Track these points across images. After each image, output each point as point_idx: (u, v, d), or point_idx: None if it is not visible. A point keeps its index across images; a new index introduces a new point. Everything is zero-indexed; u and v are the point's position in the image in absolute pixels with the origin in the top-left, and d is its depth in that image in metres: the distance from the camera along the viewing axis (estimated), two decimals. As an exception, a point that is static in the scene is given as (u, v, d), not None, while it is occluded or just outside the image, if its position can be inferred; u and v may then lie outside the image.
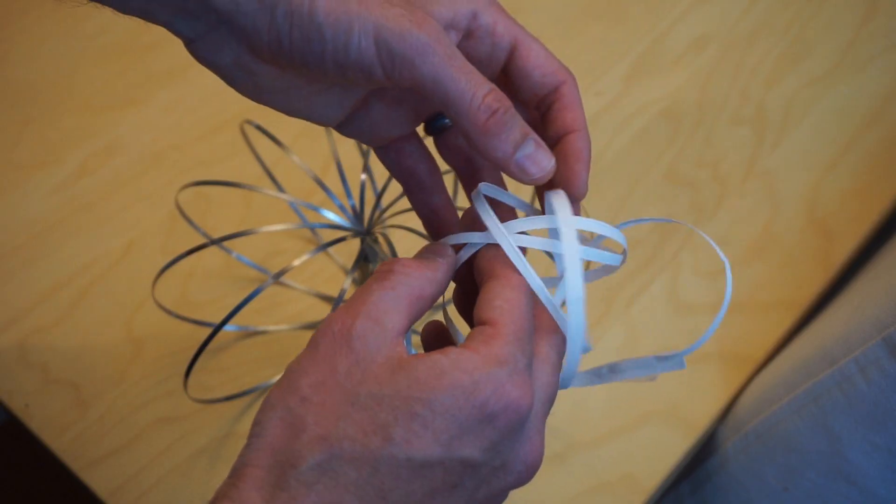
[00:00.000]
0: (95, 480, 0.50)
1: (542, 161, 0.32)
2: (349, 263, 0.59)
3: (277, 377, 0.54)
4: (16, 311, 0.57)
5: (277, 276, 0.43)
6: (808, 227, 0.62)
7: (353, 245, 0.60)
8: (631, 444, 0.52)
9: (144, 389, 0.54)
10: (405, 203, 0.50)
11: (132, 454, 0.51)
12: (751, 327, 0.57)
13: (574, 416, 0.52)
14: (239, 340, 0.56)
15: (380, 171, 0.62)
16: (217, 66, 0.34)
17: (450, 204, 0.38)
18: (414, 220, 0.60)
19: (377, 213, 0.48)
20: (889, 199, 0.63)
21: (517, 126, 0.31)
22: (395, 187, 0.43)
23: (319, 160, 0.64)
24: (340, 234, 0.49)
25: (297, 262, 0.45)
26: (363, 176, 0.50)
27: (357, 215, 0.49)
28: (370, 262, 0.50)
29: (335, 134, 0.43)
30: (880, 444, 0.46)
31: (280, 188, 0.59)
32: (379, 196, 0.48)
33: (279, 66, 0.32)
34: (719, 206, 0.62)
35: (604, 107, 0.69)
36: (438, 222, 0.38)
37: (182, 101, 0.69)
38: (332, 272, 0.59)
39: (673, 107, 0.69)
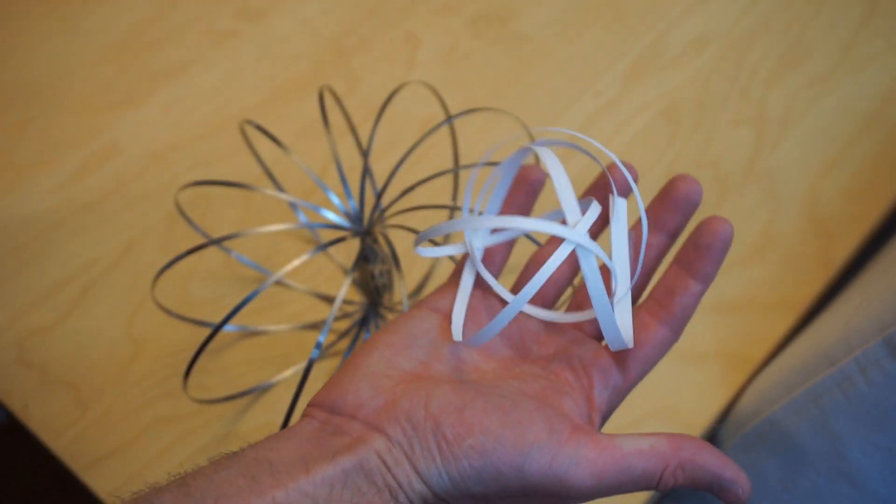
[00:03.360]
0: (95, 480, 0.50)
1: None
2: (349, 263, 0.59)
3: (277, 377, 0.54)
4: (16, 311, 0.57)
5: (277, 276, 0.43)
6: (808, 227, 0.62)
7: (353, 245, 0.60)
8: (631, 444, 0.52)
9: (144, 389, 0.54)
10: (405, 203, 0.50)
11: (132, 454, 0.51)
12: (751, 327, 0.57)
13: (574, 416, 0.52)
14: (239, 340, 0.56)
15: (380, 171, 0.63)
16: None
17: None
18: (414, 220, 0.60)
19: (377, 213, 0.48)
20: (889, 199, 0.63)
21: None
22: (395, 187, 0.43)
23: (319, 160, 0.64)
24: (340, 234, 0.49)
25: (297, 262, 0.45)
26: (363, 176, 0.50)
27: (357, 215, 0.49)
28: (370, 262, 0.50)
29: (335, 134, 0.43)
30: (880, 444, 0.46)
31: (280, 188, 0.59)
32: (379, 196, 0.48)
33: None
34: (719, 206, 0.62)
35: (603, 107, 0.69)
36: None
37: (182, 101, 0.69)
38: (332, 272, 0.59)
39: (673, 107, 0.69)
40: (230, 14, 0.75)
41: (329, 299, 0.58)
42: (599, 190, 0.40)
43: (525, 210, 0.41)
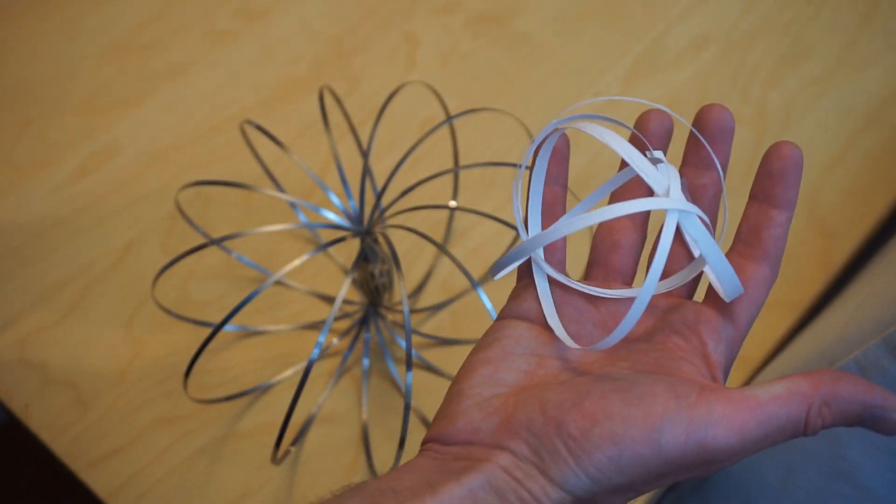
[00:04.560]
0: (95, 480, 0.50)
1: None
2: (349, 263, 0.59)
3: (277, 377, 0.54)
4: (16, 311, 0.57)
5: (277, 276, 0.43)
6: (808, 227, 0.62)
7: (353, 245, 0.60)
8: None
9: (144, 389, 0.54)
10: (405, 203, 0.50)
11: (132, 454, 0.51)
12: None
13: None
14: (239, 340, 0.56)
15: (380, 171, 0.63)
16: None
17: None
18: (414, 220, 0.60)
19: (377, 213, 0.48)
20: (889, 199, 0.63)
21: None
22: (395, 187, 0.43)
23: (319, 160, 0.64)
24: (340, 234, 0.49)
25: (297, 262, 0.45)
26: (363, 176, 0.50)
27: (357, 215, 0.49)
28: (370, 262, 0.50)
29: (335, 134, 0.43)
30: (880, 445, 0.46)
31: (280, 188, 0.59)
32: (379, 196, 0.48)
33: None
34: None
35: (603, 107, 0.69)
36: None
37: (182, 101, 0.69)
38: (332, 272, 0.59)
39: (673, 107, 0.69)
40: (230, 14, 0.75)
41: (329, 299, 0.58)
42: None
43: (564, 181, 0.39)
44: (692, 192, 0.38)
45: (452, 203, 0.60)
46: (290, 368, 0.54)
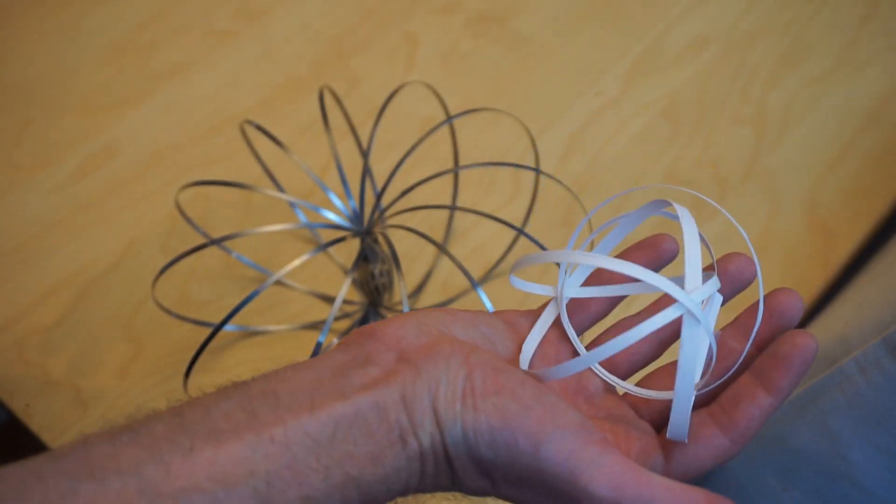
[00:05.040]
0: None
1: None
2: (349, 263, 0.59)
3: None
4: (16, 311, 0.57)
5: (277, 276, 0.43)
6: (808, 227, 0.62)
7: (353, 245, 0.60)
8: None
9: (144, 389, 0.54)
10: (405, 203, 0.50)
11: (132, 454, 0.51)
12: (751, 327, 0.57)
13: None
14: (239, 340, 0.56)
15: (380, 171, 0.63)
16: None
17: None
18: (414, 220, 0.60)
19: (377, 213, 0.48)
20: (889, 199, 0.63)
21: None
22: (395, 187, 0.43)
23: (319, 160, 0.64)
24: (340, 234, 0.49)
25: (297, 262, 0.45)
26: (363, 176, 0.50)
27: (357, 215, 0.49)
28: (370, 262, 0.50)
29: (335, 134, 0.43)
30: (880, 445, 0.46)
31: (280, 188, 0.59)
32: (379, 196, 0.48)
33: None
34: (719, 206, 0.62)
35: (603, 107, 0.69)
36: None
37: (182, 101, 0.69)
38: (332, 272, 0.59)
39: (673, 107, 0.69)
40: (230, 14, 0.75)
41: (329, 299, 0.58)
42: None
43: None
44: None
45: (452, 204, 0.60)
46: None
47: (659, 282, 0.31)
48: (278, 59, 0.72)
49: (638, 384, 0.37)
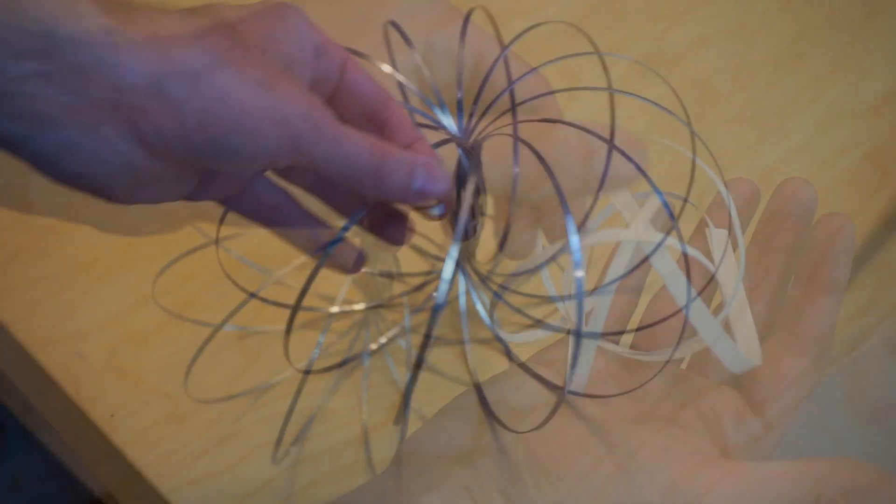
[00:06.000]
0: (95, 481, 0.50)
1: (438, 183, 0.31)
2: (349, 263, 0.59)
3: (277, 377, 0.54)
4: (16, 312, 0.57)
5: (277, 277, 0.43)
6: (808, 227, 0.62)
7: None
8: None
9: (144, 389, 0.54)
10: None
11: (132, 454, 0.51)
12: (751, 327, 0.56)
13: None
14: (239, 340, 0.56)
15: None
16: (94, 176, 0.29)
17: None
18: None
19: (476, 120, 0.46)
20: (889, 199, 0.63)
21: (403, 162, 0.30)
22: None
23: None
24: (340, 234, 0.49)
25: (297, 262, 0.45)
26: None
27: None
28: (470, 181, 0.47)
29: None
30: (880, 444, 0.46)
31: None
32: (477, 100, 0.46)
33: (167, 160, 0.30)
34: (719, 206, 0.62)
35: (602, 108, 0.69)
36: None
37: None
38: (332, 272, 0.59)
39: (672, 107, 0.69)
40: (230, 14, 0.75)
41: (329, 299, 0.58)
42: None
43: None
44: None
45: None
46: (290, 369, 0.54)
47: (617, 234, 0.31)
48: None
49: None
